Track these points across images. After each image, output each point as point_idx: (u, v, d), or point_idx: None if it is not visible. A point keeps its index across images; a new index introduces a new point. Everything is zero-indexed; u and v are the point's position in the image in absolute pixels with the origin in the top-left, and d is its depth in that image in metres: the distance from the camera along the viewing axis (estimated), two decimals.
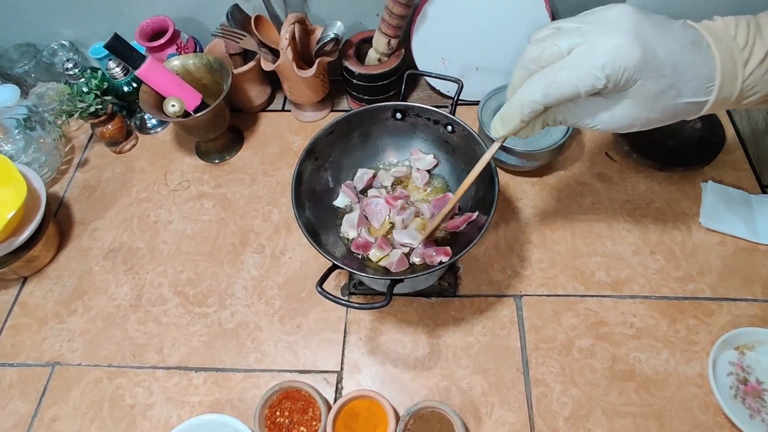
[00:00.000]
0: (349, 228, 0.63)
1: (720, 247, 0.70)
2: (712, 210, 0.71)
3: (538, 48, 0.38)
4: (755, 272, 0.67)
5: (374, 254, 0.60)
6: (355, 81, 0.81)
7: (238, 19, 0.76)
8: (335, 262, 0.52)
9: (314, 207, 0.62)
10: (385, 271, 0.59)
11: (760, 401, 0.59)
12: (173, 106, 0.71)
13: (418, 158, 0.66)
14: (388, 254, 0.60)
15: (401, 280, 0.53)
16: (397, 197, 0.63)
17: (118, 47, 0.69)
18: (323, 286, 0.51)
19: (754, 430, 0.55)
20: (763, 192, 0.74)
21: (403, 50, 0.80)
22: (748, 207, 0.71)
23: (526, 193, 0.77)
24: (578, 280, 0.68)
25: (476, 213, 0.60)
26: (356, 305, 0.51)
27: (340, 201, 0.65)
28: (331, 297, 0.50)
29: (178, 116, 0.72)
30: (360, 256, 0.61)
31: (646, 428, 0.58)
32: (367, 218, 0.63)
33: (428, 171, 0.66)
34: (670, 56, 0.36)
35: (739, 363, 0.61)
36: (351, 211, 0.64)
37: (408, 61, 0.82)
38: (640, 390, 0.60)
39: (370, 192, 0.65)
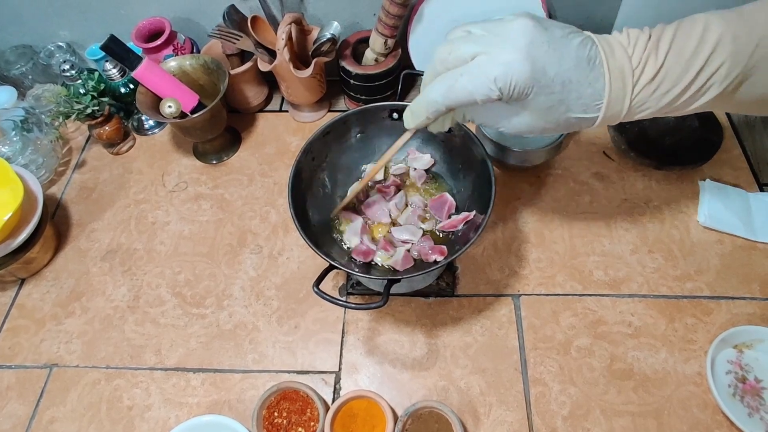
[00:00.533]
0: (352, 236, 0.62)
1: (718, 246, 0.69)
2: (710, 208, 0.71)
3: (446, 50, 0.40)
4: (753, 270, 0.67)
5: (380, 256, 0.60)
6: (352, 81, 0.81)
7: (234, 19, 0.76)
8: (332, 263, 0.52)
9: (311, 207, 0.62)
10: (391, 271, 0.59)
11: (758, 399, 0.58)
12: (170, 107, 0.71)
13: (415, 158, 0.66)
14: (392, 254, 0.60)
15: (398, 280, 0.53)
16: (389, 185, 0.64)
17: (114, 48, 0.69)
18: (320, 287, 0.51)
19: (752, 428, 0.55)
20: (761, 190, 0.74)
21: (400, 50, 0.80)
22: (746, 205, 0.71)
23: (523, 193, 0.77)
24: (576, 280, 0.68)
25: (473, 212, 0.60)
26: (353, 305, 0.51)
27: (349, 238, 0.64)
28: (327, 297, 0.50)
29: (174, 117, 0.72)
30: (369, 262, 0.60)
31: (644, 427, 0.58)
32: (368, 224, 0.63)
33: (426, 170, 0.66)
34: (560, 74, 0.38)
35: (738, 361, 0.61)
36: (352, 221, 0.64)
37: (405, 61, 0.82)
38: (639, 389, 0.60)
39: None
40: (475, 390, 0.62)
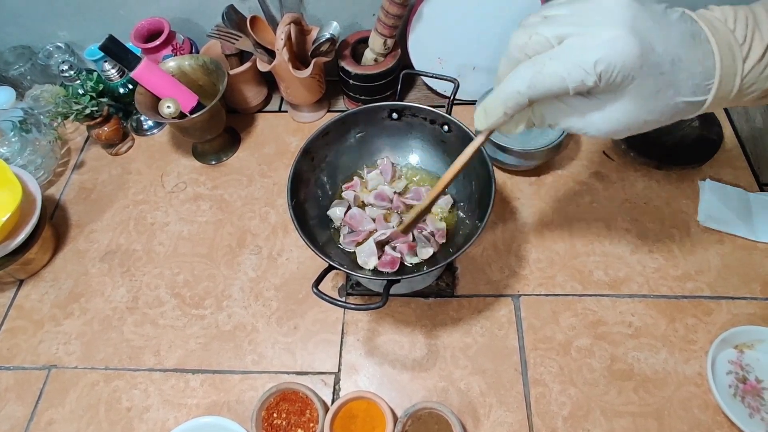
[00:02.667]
0: (368, 257, 0.59)
1: (718, 246, 0.69)
2: (710, 208, 0.71)
3: (525, 35, 0.35)
4: (754, 270, 0.67)
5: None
6: (351, 81, 0.80)
7: (233, 19, 0.76)
8: (331, 263, 0.52)
9: (311, 208, 0.62)
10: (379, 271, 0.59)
11: (759, 400, 0.58)
12: (168, 107, 0.70)
13: None
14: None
15: (398, 281, 0.53)
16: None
17: (113, 48, 0.69)
18: (319, 288, 0.51)
19: (753, 428, 0.55)
20: (762, 190, 0.73)
21: (399, 50, 0.80)
22: (746, 205, 0.71)
23: (523, 193, 0.76)
24: (576, 280, 0.68)
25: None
26: (352, 306, 0.51)
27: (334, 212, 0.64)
28: (326, 298, 0.50)
29: (173, 117, 0.72)
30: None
31: (645, 428, 0.58)
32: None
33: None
34: (669, 52, 0.33)
35: (738, 362, 0.61)
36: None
37: (404, 61, 0.82)
38: (639, 389, 0.60)
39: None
40: (475, 391, 0.61)
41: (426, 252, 0.60)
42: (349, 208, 0.64)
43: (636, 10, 0.33)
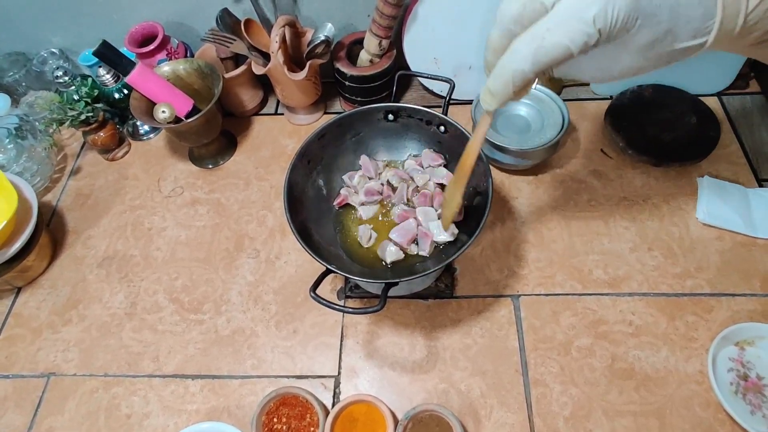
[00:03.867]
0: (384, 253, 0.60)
1: (718, 242, 0.69)
2: (709, 205, 0.70)
3: (518, 4, 0.34)
4: (754, 267, 0.67)
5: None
6: (347, 83, 0.80)
7: (227, 23, 0.76)
8: (329, 267, 0.51)
9: (308, 211, 0.61)
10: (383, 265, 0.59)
11: (761, 397, 0.58)
12: (164, 112, 0.70)
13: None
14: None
15: (396, 283, 0.53)
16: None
17: (107, 54, 0.69)
18: (317, 291, 0.51)
19: (755, 426, 0.55)
20: (760, 186, 0.73)
21: (394, 51, 0.80)
22: (745, 201, 0.71)
23: (521, 192, 0.76)
24: (576, 279, 0.68)
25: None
26: (350, 310, 0.51)
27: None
28: (324, 302, 0.50)
29: (169, 122, 0.72)
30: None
31: (646, 427, 0.57)
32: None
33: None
34: None
35: (740, 359, 0.60)
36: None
37: (400, 62, 0.82)
38: (640, 388, 0.60)
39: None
40: (475, 392, 0.61)
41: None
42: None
43: None
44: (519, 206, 0.75)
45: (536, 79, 0.38)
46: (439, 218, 0.60)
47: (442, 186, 0.63)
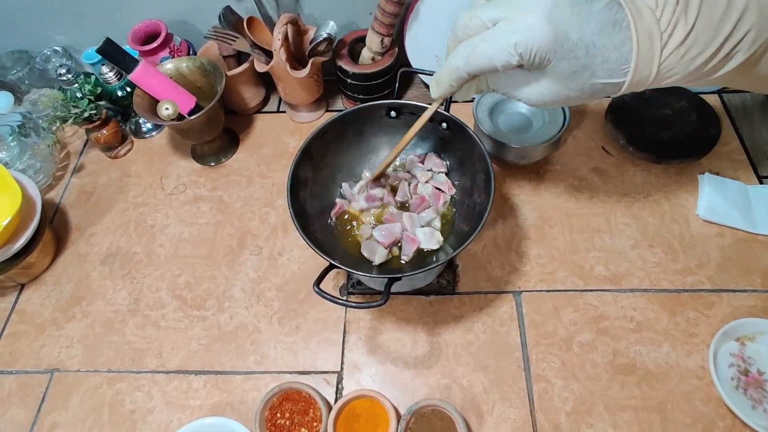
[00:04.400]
0: (372, 253, 0.60)
1: (718, 239, 0.69)
2: (709, 202, 0.71)
3: (467, 17, 0.40)
4: (754, 263, 0.67)
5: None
6: (349, 80, 0.81)
7: (230, 21, 0.76)
8: (332, 262, 0.52)
9: (311, 207, 0.62)
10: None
11: (761, 392, 0.58)
12: (167, 109, 0.70)
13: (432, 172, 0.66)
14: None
15: (398, 278, 0.53)
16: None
17: (110, 51, 0.69)
18: (320, 287, 0.51)
19: (756, 420, 0.55)
20: (761, 182, 0.74)
21: (396, 49, 0.80)
22: (745, 198, 0.71)
23: (523, 189, 0.76)
24: (577, 275, 0.68)
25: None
26: (353, 304, 0.51)
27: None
28: (328, 297, 0.50)
29: (172, 119, 0.72)
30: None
31: (648, 422, 0.58)
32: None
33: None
34: (583, 39, 0.37)
35: (740, 354, 0.61)
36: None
37: (401, 59, 0.82)
38: (642, 383, 0.60)
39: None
40: (477, 387, 0.61)
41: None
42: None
43: (555, 0, 0.37)
44: (520, 203, 0.75)
45: (473, 89, 0.46)
46: (425, 225, 0.62)
47: (440, 191, 0.64)
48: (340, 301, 0.50)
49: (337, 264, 0.52)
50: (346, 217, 0.65)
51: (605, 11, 0.37)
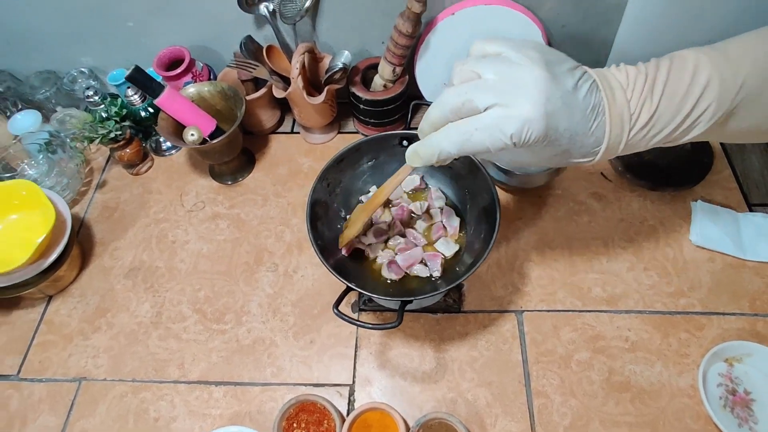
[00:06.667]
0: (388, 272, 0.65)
1: (709, 264, 0.74)
2: (701, 228, 0.75)
3: (458, 99, 0.40)
4: (742, 288, 0.71)
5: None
6: (362, 106, 0.85)
7: (251, 49, 0.80)
8: (349, 285, 0.56)
9: (326, 230, 0.66)
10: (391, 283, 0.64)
11: (747, 411, 0.62)
12: (192, 135, 0.75)
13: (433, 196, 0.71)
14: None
15: (411, 301, 0.57)
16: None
17: (138, 78, 0.73)
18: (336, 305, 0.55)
19: None
20: (751, 210, 0.78)
21: (407, 76, 0.84)
22: (735, 225, 0.75)
23: (525, 213, 0.81)
24: (576, 296, 0.72)
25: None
26: (370, 326, 0.55)
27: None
28: (346, 318, 0.54)
29: (196, 144, 0.76)
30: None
31: None
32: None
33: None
34: (569, 129, 0.40)
35: (728, 374, 0.65)
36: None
37: (411, 87, 0.86)
38: (635, 401, 0.64)
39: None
40: (481, 402, 0.65)
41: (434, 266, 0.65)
42: None
43: (549, 91, 0.38)
44: (523, 226, 0.79)
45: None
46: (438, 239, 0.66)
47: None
48: (359, 323, 0.54)
49: (353, 287, 0.56)
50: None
51: (587, 97, 0.40)
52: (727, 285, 0.72)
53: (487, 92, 0.39)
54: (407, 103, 0.80)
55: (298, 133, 0.95)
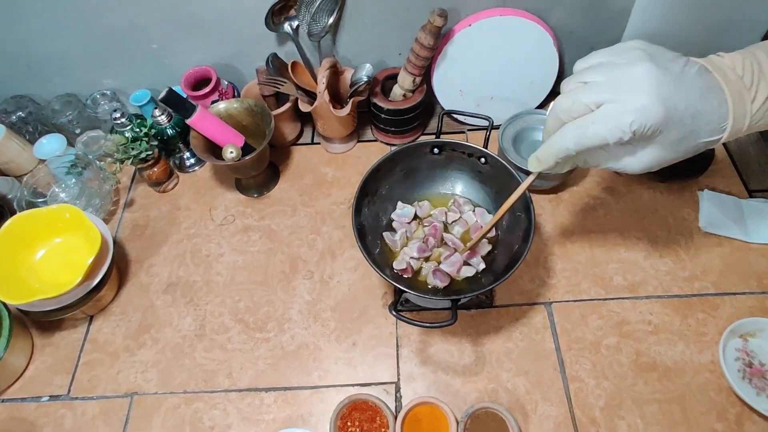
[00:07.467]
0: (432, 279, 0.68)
1: (718, 248, 0.79)
2: (709, 215, 0.81)
3: (568, 100, 0.43)
4: (750, 268, 0.77)
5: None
6: (383, 115, 0.89)
7: (276, 66, 0.83)
8: (402, 288, 0.60)
9: (368, 235, 0.69)
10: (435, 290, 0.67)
11: (764, 380, 0.68)
12: (231, 152, 0.77)
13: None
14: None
15: (458, 300, 0.61)
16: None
17: (172, 100, 0.76)
18: (393, 307, 0.59)
19: (761, 405, 0.64)
20: (751, 196, 0.84)
21: (425, 86, 0.88)
22: (739, 211, 0.81)
23: (545, 210, 0.85)
24: (599, 285, 0.77)
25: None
26: (428, 325, 0.59)
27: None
28: (406, 319, 0.58)
29: (235, 161, 0.79)
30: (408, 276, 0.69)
31: (670, 412, 0.67)
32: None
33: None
34: (689, 107, 0.41)
35: (744, 349, 0.70)
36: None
37: (429, 96, 0.90)
38: (663, 379, 0.69)
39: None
40: (521, 390, 0.70)
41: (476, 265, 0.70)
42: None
43: (660, 77, 0.41)
44: (544, 222, 0.84)
45: (569, 164, 0.49)
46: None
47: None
48: (416, 323, 0.58)
49: (405, 289, 0.60)
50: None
51: (699, 78, 0.42)
52: (736, 267, 0.77)
53: (596, 91, 0.42)
54: (426, 111, 0.84)
55: (319, 143, 0.98)
